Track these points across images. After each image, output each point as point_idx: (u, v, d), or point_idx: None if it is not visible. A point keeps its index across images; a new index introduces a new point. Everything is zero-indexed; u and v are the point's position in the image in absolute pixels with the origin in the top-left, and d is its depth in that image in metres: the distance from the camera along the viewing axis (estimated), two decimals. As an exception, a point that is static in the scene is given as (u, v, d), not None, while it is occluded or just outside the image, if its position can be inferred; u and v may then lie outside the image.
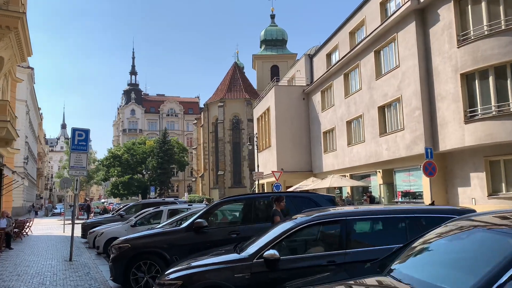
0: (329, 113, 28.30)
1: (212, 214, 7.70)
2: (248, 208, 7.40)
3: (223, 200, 7.76)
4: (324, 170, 28.95)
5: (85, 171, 11.13)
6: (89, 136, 11.26)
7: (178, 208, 12.53)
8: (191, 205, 12.37)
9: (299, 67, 34.54)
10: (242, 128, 56.24)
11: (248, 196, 8.03)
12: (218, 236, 7.17)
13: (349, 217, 4.87)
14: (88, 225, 16.67)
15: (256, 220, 7.32)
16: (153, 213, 12.30)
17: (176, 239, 7.15)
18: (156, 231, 7.70)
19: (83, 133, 11.17)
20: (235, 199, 8.01)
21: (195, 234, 7.13)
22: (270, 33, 64.63)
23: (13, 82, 21.88)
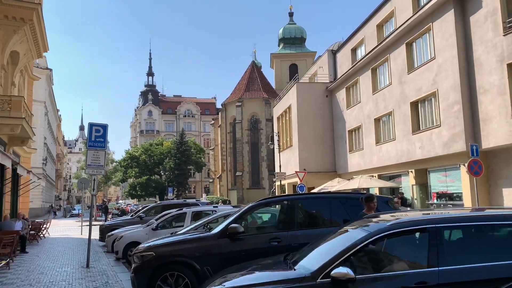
0: (354, 110, 27.00)
1: (247, 218, 6.63)
2: (291, 211, 6.27)
3: (261, 202, 6.64)
4: (350, 171, 27.66)
5: (103, 170, 10.23)
6: (107, 132, 10.36)
7: (202, 210, 11.54)
8: (217, 207, 11.36)
9: (322, 63, 33.31)
10: (261, 128, 55.16)
11: (291, 196, 6.84)
12: (256, 244, 6.11)
13: (441, 224, 3.75)
14: (106, 227, 15.84)
15: (301, 225, 6.22)
16: (176, 215, 11.32)
17: (208, 247, 6.10)
18: (184, 237, 6.65)
19: (100, 128, 10.27)
20: (275, 200, 6.88)
21: (229, 241, 6.09)
22: (288, 31, 63.50)
23: (29, 80, 21.30)
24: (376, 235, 3.79)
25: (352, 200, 6.35)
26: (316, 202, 6.51)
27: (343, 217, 6.14)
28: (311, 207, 6.47)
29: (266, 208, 6.87)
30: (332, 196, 6.70)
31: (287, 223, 6.20)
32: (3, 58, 14.15)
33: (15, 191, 18.96)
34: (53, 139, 69.80)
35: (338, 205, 6.26)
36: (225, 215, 9.22)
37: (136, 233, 11.23)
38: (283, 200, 6.59)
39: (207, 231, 7.01)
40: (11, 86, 16.32)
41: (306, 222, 6.32)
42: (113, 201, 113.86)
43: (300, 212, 6.31)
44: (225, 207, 11.66)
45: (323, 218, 6.33)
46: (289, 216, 6.23)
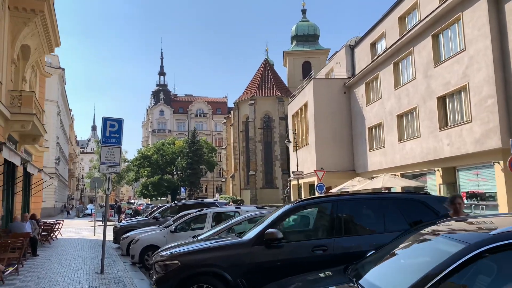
0: (375, 106, 25.98)
1: (285, 221, 5.73)
2: (337, 214, 5.37)
3: (301, 203, 5.69)
4: (370, 169, 26.64)
5: (118, 168, 9.50)
6: (122, 127, 9.60)
7: (224, 212, 10.73)
8: (239, 208, 10.53)
9: (339, 59, 32.30)
10: (274, 127, 54.24)
11: (339, 197, 5.89)
12: (296, 253, 5.25)
13: None
14: (120, 228, 15.12)
15: (349, 231, 5.33)
16: (195, 216, 10.52)
17: (240, 256, 5.26)
18: (212, 243, 5.79)
19: (115, 123, 9.53)
20: (318, 201, 5.96)
21: (265, 249, 5.25)
22: (301, 28, 62.43)
23: (41, 77, 20.75)
24: (479, 248, 2.90)
25: (409, 201, 5.44)
26: (365, 204, 5.60)
27: (399, 221, 5.26)
28: (360, 210, 5.56)
29: (309, 210, 5.94)
30: (384, 197, 5.78)
31: (331, 228, 5.30)
32: (13, 52, 13.53)
33: (27, 191, 18.41)
34: (65, 138, 69.85)
35: (392, 208, 5.37)
36: (251, 217, 8.41)
37: (154, 236, 10.46)
38: (327, 201, 5.68)
39: (237, 235, 6.16)
40: (22, 82, 15.72)
41: (354, 227, 5.41)
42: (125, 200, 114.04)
43: (347, 215, 5.42)
44: (248, 207, 10.83)
45: (375, 223, 5.42)
46: (334, 220, 5.32)
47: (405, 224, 5.16)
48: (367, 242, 5.12)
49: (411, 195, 5.77)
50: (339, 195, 5.83)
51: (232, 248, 5.41)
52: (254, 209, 10.26)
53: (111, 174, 9.54)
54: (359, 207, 5.57)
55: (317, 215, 5.78)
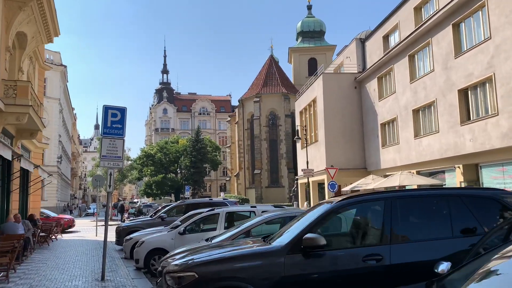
0: (388, 101, 24.89)
1: (327, 223, 4.66)
2: (391, 215, 4.30)
3: (349, 200, 4.64)
4: (383, 167, 25.56)
5: (121, 162, 8.51)
6: (125, 116, 8.59)
7: (238, 211, 9.72)
8: (255, 207, 9.51)
9: (349, 53, 31.21)
10: (279, 125, 53.21)
11: (394, 193, 4.72)
12: (344, 264, 4.21)
13: None
14: (123, 229, 14.12)
15: (411, 235, 4.27)
16: (205, 216, 9.50)
17: (272, 267, 4.23)
18: (235, 251, 4.70)
19: (117, 112, 8.53)
20: (371, 198, 4.80)
21: (303, 259, 4.22)
22: (307, 25, 61.31)
23: (40, 69, 19.79)
24: None
25: (481, 199, 4.38)
26: (426, 202, 4.54)
27: (468, 222, 4.24)
28: (421, 209, 4.49)
29: (354, 209, 4.82)
30: (449, 193, 4.70)
31: (385, 233, 4.25)
32: (7, 39, 12.55)
33: (25, 189, 17.46)
34: (68, 137, 69.05)
35: (460, 206, 4.33)
36: (271, 218, 7.38)
37: (160, 238, 9.45)
38: (379, 198, 4.59)
39: (264, 240, 5.11)
40: (19, 73, 14.75)
41: (415, 231, 4.34)
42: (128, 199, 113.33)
43: (405, 216, 4.36)
44: (264, 207, 9.80)
45: (439, 225, 4.35)
46: (388, 222, 4.27)
47: (479, 227, 4.14)
48: (433, 249, 4.10)
49: (482, 191, 4.72)
50: (393, 191, 4.73)
51: (261, 257, 4.37)
52: (272, 209, 9.23)
53: (113, 170, 8.55)
54: (420, 205, 4.50)
55: (362, 216, 4.72)
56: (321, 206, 4.87)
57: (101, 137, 8.50)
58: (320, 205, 5.01)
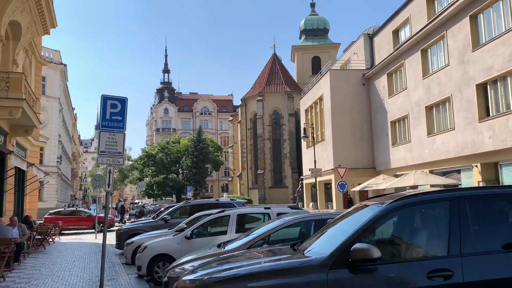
0: (399, 98, 23.98)
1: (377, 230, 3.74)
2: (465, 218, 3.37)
3: (406, 200, 3.65)
4: (393, 166, 24.64)
5: (122, 158, 7.63)
6: (126, 108, 7.66)
7: (250, 213, 8.83)
8: (269, 208, 8.60)
9: (356, 49, 30.30)
10: (283, 124, 52.32)
11: (462, 192, 3.65)
12: (402, 282, 3.32)
13: None
14: (124, 232, 13.21)
15: (486, 244, 3.34)
16: (214, 219, 8.58)
17: (312, 286, 3.35)
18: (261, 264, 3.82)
19: (117, 103, 7.61)
20: (433, 197, 3.77)
21: (351, 275, 3.33)
22: (310, 23, 60.44)
23: (37, 64, 18.92)
24: None
25: None
26: (505, 202, 3.63)
27: None
28: (496, 212, 3.58)
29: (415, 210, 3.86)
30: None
31: (453, 242, 3.34)
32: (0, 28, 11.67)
33: (21, 189, 16.58)
34: (68, 137, 68.27)
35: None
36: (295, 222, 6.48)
37: (165, 243, 8.55)
38: (443, 198, 3.64)
39: (294, 249, 4.21)
40: (13, 65, 13.88)
41: (491, 239, 3.42)
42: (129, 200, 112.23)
43: (477, 220, 3.44)
44: (279, 208, 8.89)
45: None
46: (457, 228, 3.37)
47: None
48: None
49: None
50: (461, 189, 3.79)
51: (297, 272, 3.46)
52: (289, 211, 8.33)
53: (113, 168, 7.65)
54: (497, 207, 3.61)
55: (422, 220, 3.79)
56: (366, 208, 3.96)
57: (99, 131, 7.61)
58: (362, 208, 4.10)
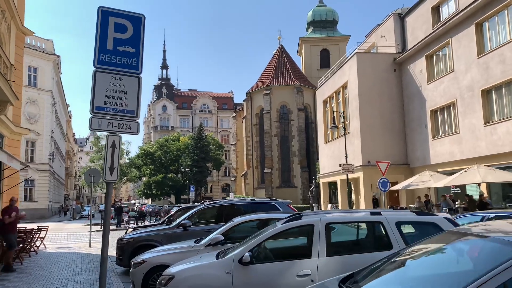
0: (442, 83, 20.76)
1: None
2: None
3: None
4: (433, 162, 21.42)
5: (135, 124, 4.24)
6: (142, 32, 4.37)
7: (343, 221, 5.46)
8: (379, 214, 5.20)
9: (384, 31, 27.04)
10: (292, 119, 48.93)
11: None
12: None
13: None
14: (128, 243, 9.68)
15: None
16: (285, 230, 5.19)
17: None
18: None
19: (127, 24, 4.19)
20: None
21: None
22: (318, 14, 57.23)
23: (19, 33, 15.47)
24: None
25: None
26: None
27: None
28: None
29: None
30: None
31: None
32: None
33: (-4, 186, 13.19)
34: (62, 134, 64.60)
35: None
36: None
37: (205, 271, 4.96)
38: None
39: None
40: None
41: None
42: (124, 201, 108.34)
43: None
44: (392, 214, 5.54)
45: None
46: None
47: None
48: None
49: None
50: None
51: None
52: (409, 217, 5.04)
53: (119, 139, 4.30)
54: None
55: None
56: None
57: (94, 72, 4.22)
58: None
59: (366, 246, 5.08)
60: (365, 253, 4.82)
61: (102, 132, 35.98)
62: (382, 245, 4.81)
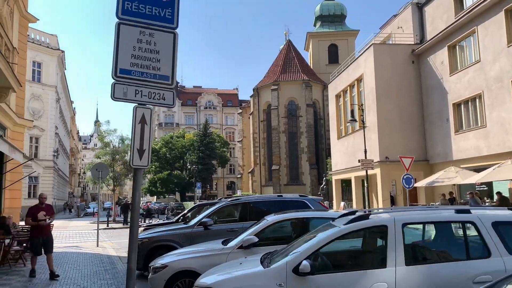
0: (467, 74, 19.68)
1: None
2: None
3: None
4: (456, 158, 20.36)
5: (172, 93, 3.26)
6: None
7: (421, 221, 4.47)
8: (467, 212, 4.23)
9: (401, 22, 25.96)
10: (300, 115, 47.94)
11: None
12: None
13: None
14: (143, 243, 8.57)
15: None
16: (350, 232, 4.19)
17: None
18: None
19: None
20: None
21: None
22: (326, 8, 56.15)
23: (22, 19, 14.54)
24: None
25: None
26: None
27: None
28: None
29: None
30: None
31: None
32: None
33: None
34: (66, 131, 63.83)
35: None
36: None
37: (249, 283, 4.03)
38: None
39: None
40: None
41: None
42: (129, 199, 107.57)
43: None
44: (491, 212, 4.55)
45: None
46: None
47: None
48: None
49: None
50: None
51: None
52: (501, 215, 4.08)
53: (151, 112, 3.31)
54: None
55: None
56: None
57: (117, 23, 3.23)
58: None
59: (455, 253, 4.09)
60: (455, 262, 3.84)
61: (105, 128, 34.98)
62: (477, 252, 3.84)
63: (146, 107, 3.47)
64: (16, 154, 8.99)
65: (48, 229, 8.96)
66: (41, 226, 8.66)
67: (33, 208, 8.93)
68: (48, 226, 8.93)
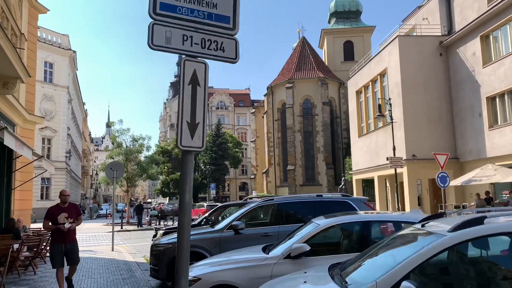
0: (503, 65, 18.40)
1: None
2: None
3: None
4: (490, 155, 19.06)
5: (233, 40, 2.25)
6: None
7: None
8: None
9: (427, 13, 24.69)
10: (316, 114, 46.73)
11: None
12: None
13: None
14: (166, 250, 7.59)
15: None
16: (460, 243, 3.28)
17: None
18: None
19: None
20: None
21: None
22: (341, 4, 54.81)
23: (31, 9, 13.72)
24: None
25: None
26: None
27: None
28: None
29: None
30: None
31: None
32: None
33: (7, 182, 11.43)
34: (78, 132, 63.53)
35: None
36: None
37: None
38: None
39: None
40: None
41: None
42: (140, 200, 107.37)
43: None
44: None
45: None
46: None
47: None
48: None
49: None
50: None
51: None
52: None
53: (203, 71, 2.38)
54: None
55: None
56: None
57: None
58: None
59: None
60: None
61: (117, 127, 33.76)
62: None
63: (199, 60, 2.46)
64: (24, 150, 8.09)
65: (73, 235, 7.38)
66: (63, 231, 7.11)
67: (52, 208, 7.34)
68: (73, 230, 7.37)
